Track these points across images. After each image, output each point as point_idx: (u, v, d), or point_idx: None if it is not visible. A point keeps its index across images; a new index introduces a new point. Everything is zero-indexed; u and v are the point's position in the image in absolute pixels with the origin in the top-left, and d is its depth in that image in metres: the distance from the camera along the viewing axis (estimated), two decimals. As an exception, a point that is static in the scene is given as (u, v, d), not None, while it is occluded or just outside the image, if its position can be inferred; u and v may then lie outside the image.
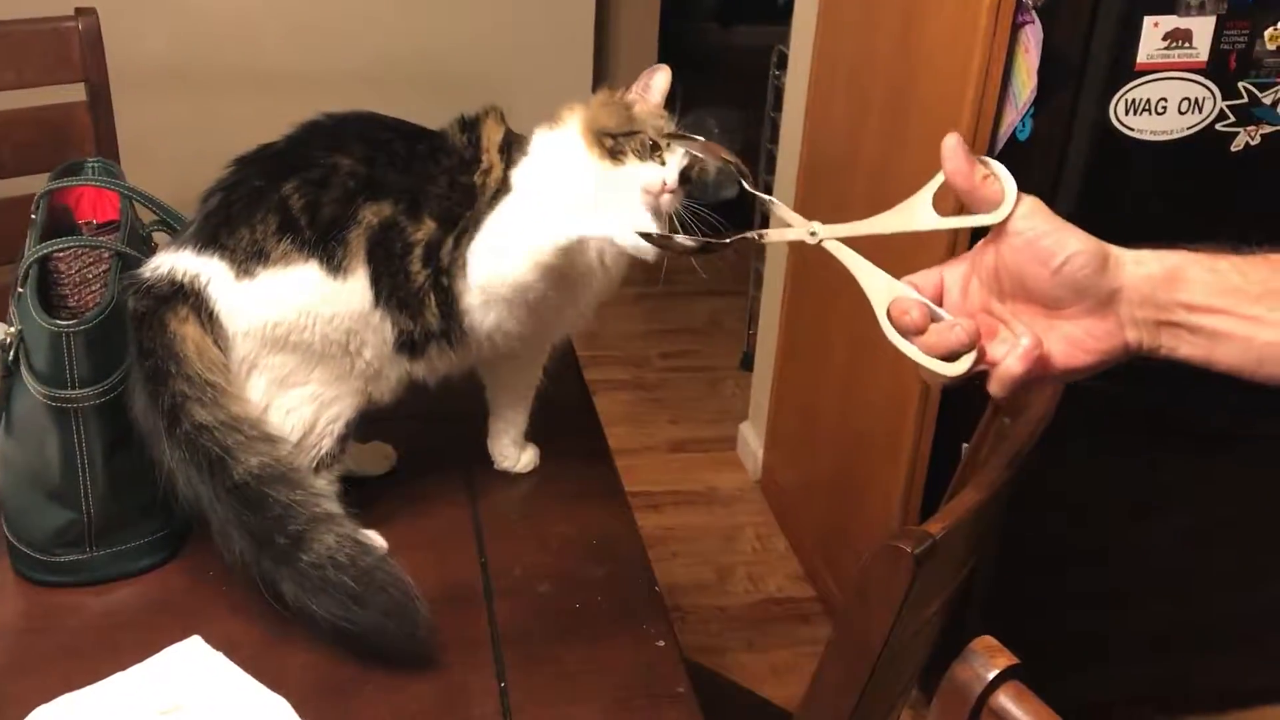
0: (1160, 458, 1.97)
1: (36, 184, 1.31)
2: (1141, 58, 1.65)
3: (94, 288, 1.18)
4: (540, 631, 1.14)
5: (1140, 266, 0.81)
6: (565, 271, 1.15)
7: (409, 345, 1.17)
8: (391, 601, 1.05)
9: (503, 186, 1.17)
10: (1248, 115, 1.70)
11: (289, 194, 1.10)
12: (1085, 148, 1.73)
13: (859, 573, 0.88)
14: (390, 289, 1.14)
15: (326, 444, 1.17)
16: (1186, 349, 0.81)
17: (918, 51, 2.00)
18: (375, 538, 1.20)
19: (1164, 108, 1.68)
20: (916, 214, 0.87)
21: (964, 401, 1.99)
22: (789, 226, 0.91)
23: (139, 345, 1.09)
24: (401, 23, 3.34)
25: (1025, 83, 1.77)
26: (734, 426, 3.04)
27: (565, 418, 1.45)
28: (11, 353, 1.09)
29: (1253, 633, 2.19)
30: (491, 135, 1.19)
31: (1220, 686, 2.25)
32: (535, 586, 1.19)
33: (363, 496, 1.24)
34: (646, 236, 1.02)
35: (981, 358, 0.83)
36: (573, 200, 1.15)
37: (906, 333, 0.85)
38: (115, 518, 1.14)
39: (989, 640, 0.73)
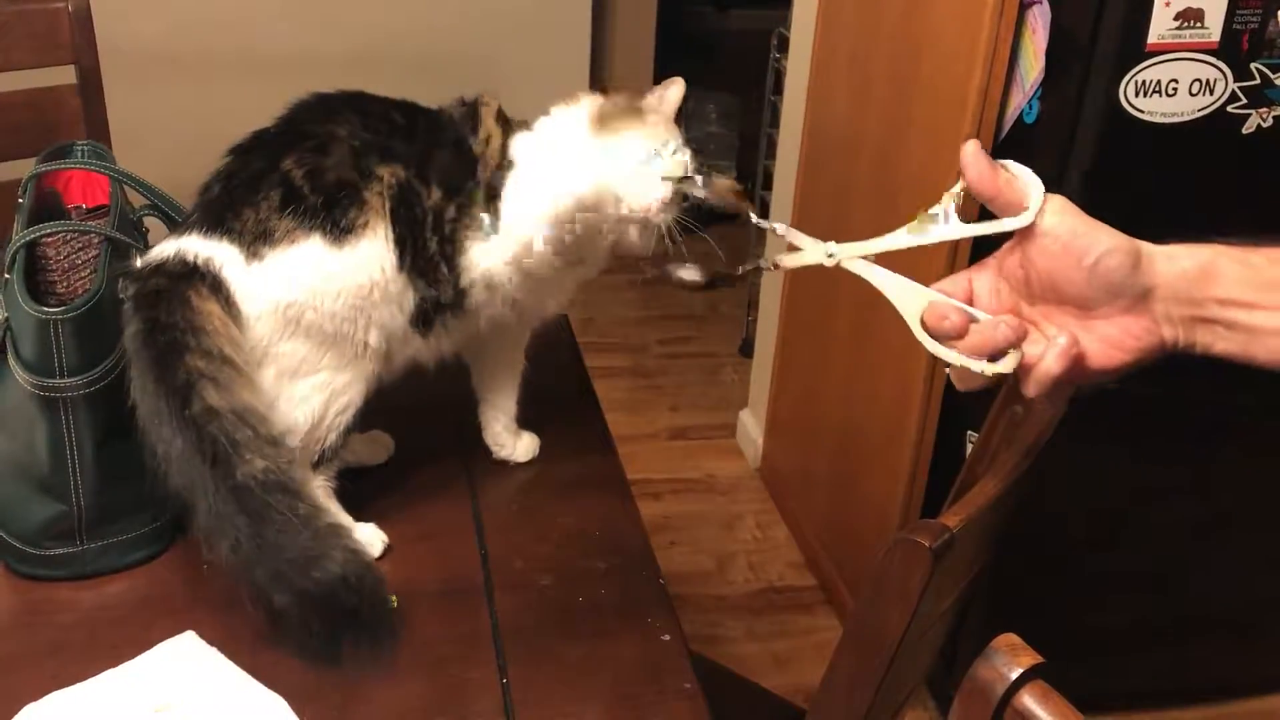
0: (1160, 449, 1.95)
1: (25, 169, 1.28)
2: (1152, 38, 1.62)
3: (83, 274, 1.15)
4: (542, 626, 1.11)
5: (1173, 263, 0.80)
6: (577, 237, 1.13)
7: (422, 317, 1.14)
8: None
9: (504, 160, 1.14)
10: (1260, 97, 1.68)
11: (289, 168, 1.08)
12: (1094, 131, 1.70)
13: (875, 567, 0.86)
14: (413, 253, 1.11)
15: (332, 438, 1.14)
16: (1223, 344, 0.80)
17: (922, 32, 1.97)
18: (375, 533, 1.19)
19: (1174, 89, 1.65)
20: (937, 225, 0.85)
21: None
22: (800, 250, 0.89)
23: (152, 322, 1.04)
24: (396, 5, 3.31)
25: (1032, 64, 1.75)
26: (734, 414, 3.02)
27: (566, 406, 1.43)
28: (-2, 341, 1.07)
29: (1256, 622, 2.17)
30: (488, 110, 1.17)
31: (1224, 676, 2.24)
32: (537, 579, 1.16)
33: (360, 489, 1.22)
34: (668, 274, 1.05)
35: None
36: (575, 164, 1.12)
37: (946, 338, 0.83)
38: (106, 510, 1.11)
39: (1012, 638, 0.71)
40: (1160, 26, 1.61)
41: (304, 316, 1.08)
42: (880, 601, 0.86)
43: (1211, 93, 1.66)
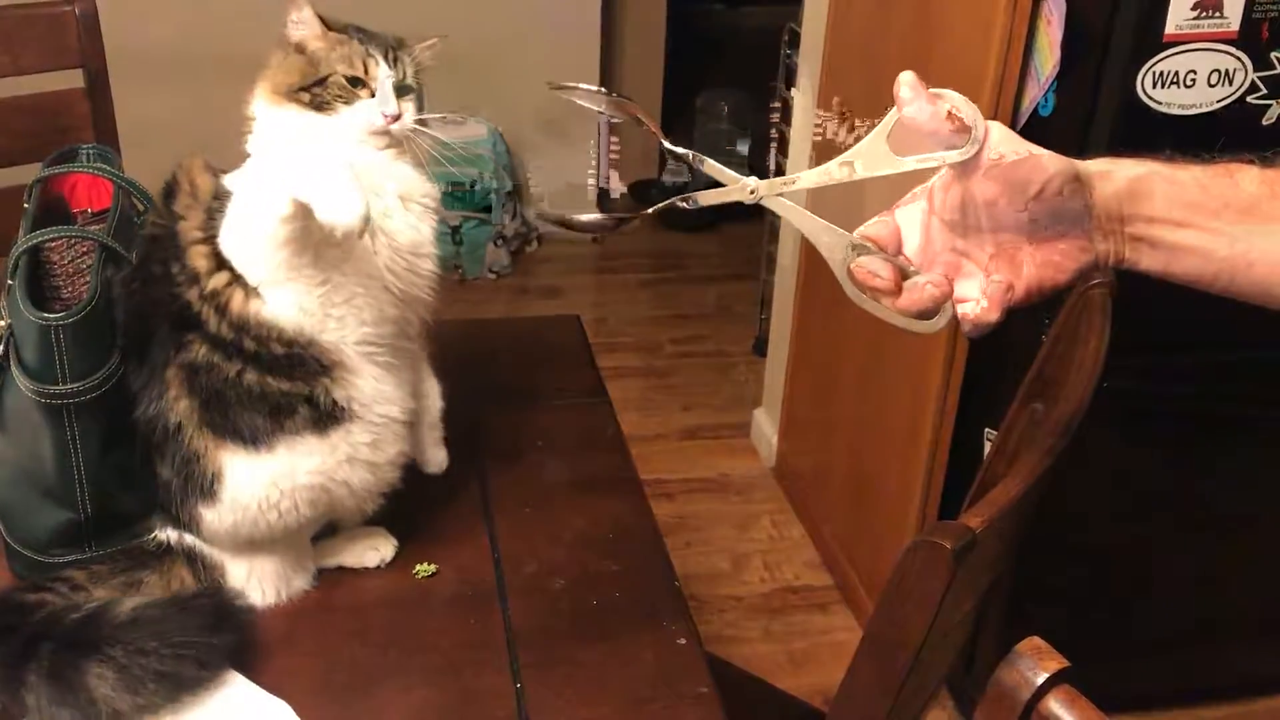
0: (1178, 449, 1.92)
1: (34, 173, 1.27)
2: (1170, 28, 1.59)
3: (87, 278, 1.13)
4: (556, 630, 1.10)
5: (1106, 182, 0.80)
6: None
7: (315, 421, 1.06)
8: None
9: (218, 196, 1.06)
10: (1281, 87, 1.65)
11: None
12: (1110, 123, 1.68)
13: (895, 569, 0.84)
14: (253, 414, 1.04)
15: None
16: (1147, 261, 0.81)
17: (936, 26, 1.95)
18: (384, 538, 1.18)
19: (1193, 80, 1.63)
20: (872, 160, 0.80)
21: (987, 385, 1.95)
22: (722, 187, 0.84)
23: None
24: (403, 7, 3.29)
25: (1048, 57, 1.72)
26: (747, 412, 3.00)
27: (578, 406, 1.42)
28: (1, 347, 1.05)
29: (1275, 620, 2.15)
30: (189, 171, 1.10)
31: (1250, 674, 2.21)
32: (550, 583, 1.15)
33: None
34: (560, 221, 0.90)
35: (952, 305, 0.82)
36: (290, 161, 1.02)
37: (879, 295, 0.82)
38: (114, 516, 1.10)
39: (1037, 641, 0.69)
40: (1178, 16, 1.59)
41: (256, 525, 1.07)
42: (900, 605, 0.84)
43: (1231, 83, 1.64)
